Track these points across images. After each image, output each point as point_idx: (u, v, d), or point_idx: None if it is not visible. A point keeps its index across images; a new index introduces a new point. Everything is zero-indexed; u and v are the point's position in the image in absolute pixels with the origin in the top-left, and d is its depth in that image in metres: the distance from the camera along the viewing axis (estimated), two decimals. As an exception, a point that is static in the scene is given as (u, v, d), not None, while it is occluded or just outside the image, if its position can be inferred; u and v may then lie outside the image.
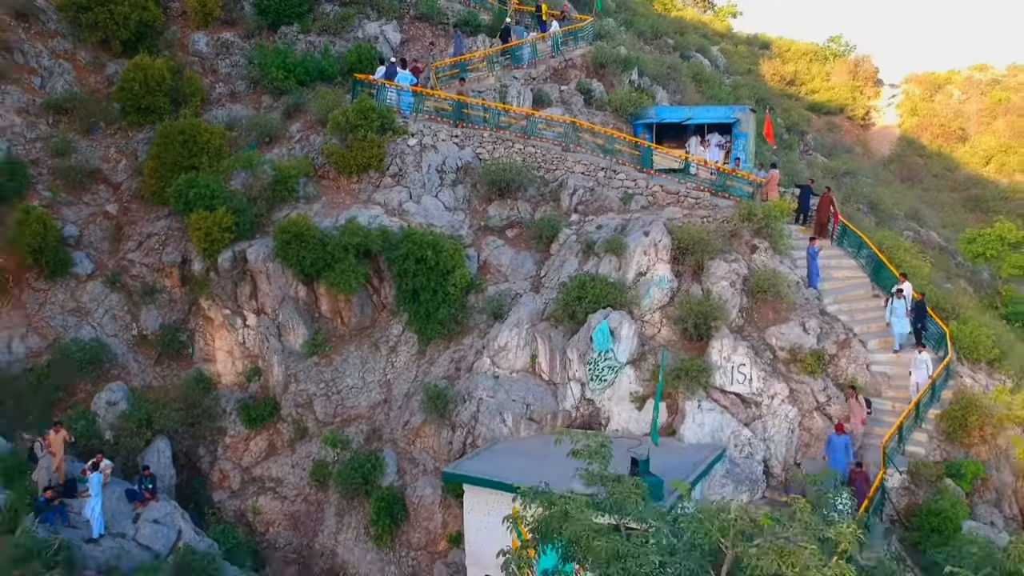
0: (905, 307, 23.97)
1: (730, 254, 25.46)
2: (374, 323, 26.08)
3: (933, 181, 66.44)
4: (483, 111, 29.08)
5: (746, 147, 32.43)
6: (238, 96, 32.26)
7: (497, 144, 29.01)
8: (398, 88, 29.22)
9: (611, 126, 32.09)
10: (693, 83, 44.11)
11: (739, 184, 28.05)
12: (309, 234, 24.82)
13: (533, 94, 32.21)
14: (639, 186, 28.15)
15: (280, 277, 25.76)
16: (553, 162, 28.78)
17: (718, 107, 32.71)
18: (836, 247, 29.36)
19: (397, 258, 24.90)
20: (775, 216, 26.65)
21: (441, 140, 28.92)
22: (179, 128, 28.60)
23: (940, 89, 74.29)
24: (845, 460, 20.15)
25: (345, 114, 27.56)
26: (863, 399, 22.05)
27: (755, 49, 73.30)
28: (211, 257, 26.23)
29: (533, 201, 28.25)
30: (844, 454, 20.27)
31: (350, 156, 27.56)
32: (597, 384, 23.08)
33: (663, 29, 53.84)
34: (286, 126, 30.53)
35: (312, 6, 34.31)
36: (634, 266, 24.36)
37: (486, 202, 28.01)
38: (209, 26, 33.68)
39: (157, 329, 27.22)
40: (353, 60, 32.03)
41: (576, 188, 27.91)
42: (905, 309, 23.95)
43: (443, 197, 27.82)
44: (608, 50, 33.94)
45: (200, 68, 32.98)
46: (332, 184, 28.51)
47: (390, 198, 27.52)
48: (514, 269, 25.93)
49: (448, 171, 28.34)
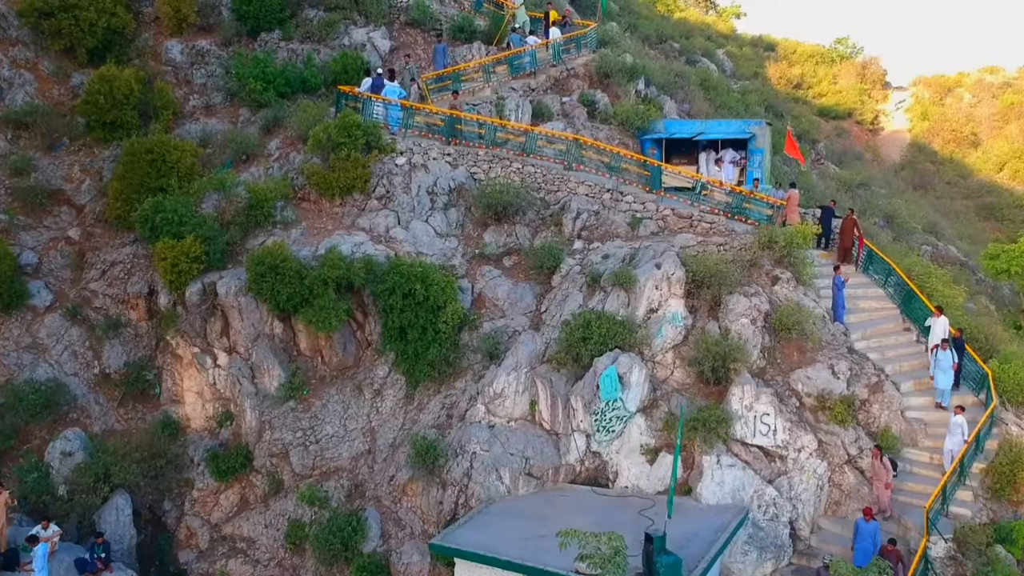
0: (952, 359, 21.62)
1: (749, 286, 23.14)
2: (358, 362, 23.71)
3: (946, 188, 64.40)
4: (478, 127, 26.72)
5: (762, 164, 30.09)
6: (214, 109, 29.87)
7: (493, 163, 26.63)
8: (385, 102, 26.83)
9: (617, 141, 29.75)
10: (701, 91, 41.78)
11: (757, 207, 25.71)
12: (285, 266, 22.44)
13: (532, 107, 29.84)
14: (648, 210, 25.79)
15: (254, 312, 23.39)
16: (554, 183, 26.42)
17: (732, 121, 30.36)
18: (862, 274, 27.10)
19: (382, 292, 22.54)
20: (798, 243, 24.32)
21: (432, 159, 26.54)
22: (147, 146, 26.22)
23: (950, 92, 72.16)
24: (873, 550, 17.82)
25: (327, 131, 25.19)
26: (888, 460, 19.69)
27: (760, 51, 71.34)
28: (178, 290, 23.88)
29: (533, 226, 25.89)
30: (872, 543, 17.92)
31: (332, 177, 25.19)
32: (604, 435, 20.75)
33: (668, 33, 51.60)
34: (264, 142, 28.14)
35: (295, 11, 31.92)
36: (644, 302, 22.01)
37: (481, 227, 25.64)
38: (184, 33, 31.30)
39: (121, 367, 24.86)
40: (338, 70, 29.65)
41: (580, 212, 25.55)
42: (952, 362, 21.60)
43: (434, 222, 25.45)
44: (613, 58, 31.58)
45: (173, 78, 30.60)
46: (313, 207, 26.14)
47: (376, 223, 25.14)
48: (512, 303, 23.57)
49: (440, 193, 25.97)
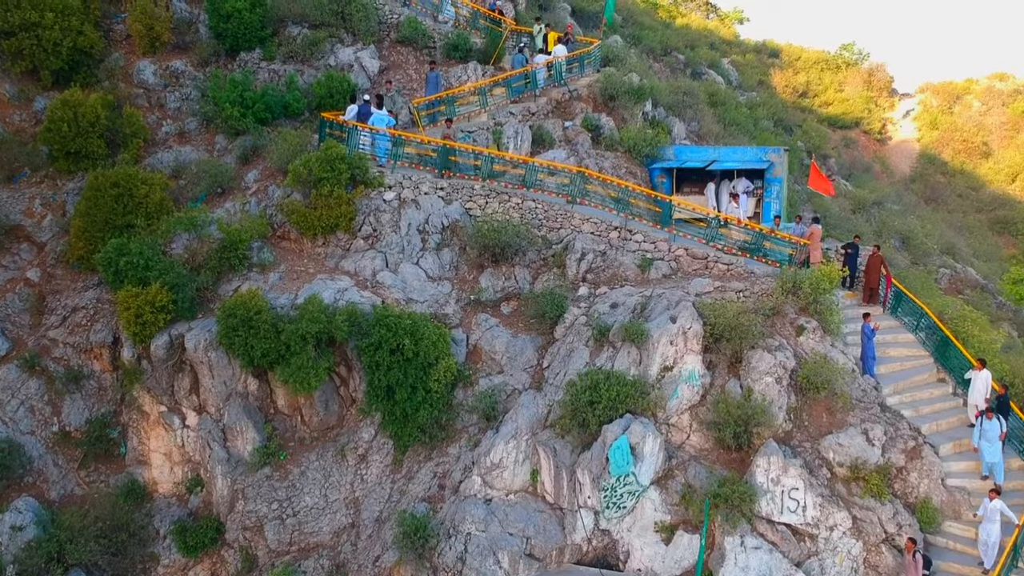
0: (1000, 428, 19.43)
1: (772, 338, 20.98)
2: (341, 422, 21.52)
3: (958, 202, 62.45)
4: (474, 158, 24.52)
5: (780, 195, 27.93)
6: (188, 136, 27.64)
7: (490, 197, 24.45)
8: (373, 131, 24.63)
9: (624, 171, 27.59)
10: (710, 107, 39.68)
11: (778, 246, 23.55)
12: (259, 319, 20.23)
13: (533, 132, 27.66)
14: (659, 249, 23.63)
15: (225, 369, 21.19)
16: (557, 219, 24.24)
17: (747, 148, 28.20)
18: (889, 315, 25.02)
19: (368, 348, 20.36)
20: (824, 288, 22.17)
21: (424, 193, 24.35)
22: (112, 180, 24.01)
23: (959, 100, 70.14)
24: None
25: (307, 165, 22.99)
26: (921, 557, 17.49)
27: (764, 58, 69.40)
28: (143, 343, 21.68)
29: (533, 267, 23.71)
30: None
31: (314, 216, 22.99)
32: (614, 512, 18.58)
33: (673, 44, 49.49)
34: (242, 174, 25.94)
35: (277, 29, 29.69)
36: (658, 359, 19.84)
37: (477, 269, 23.45)
38: (157, 52, 29.07)
39: (83, 424, 22.68)
40: (322, 93, 27.44)
41: (585, 252, 23.37)
42: (1000, 432, 19.41)
43: (426, 264, 23.25)
44: (618, 79, 29.40)
45: (145, 102, 28.36)
46: (293, 247, 23.95)
47: (362, 266, 22.94)
48: (511, 357, 21.39)
49: (432, 231, 23.78)
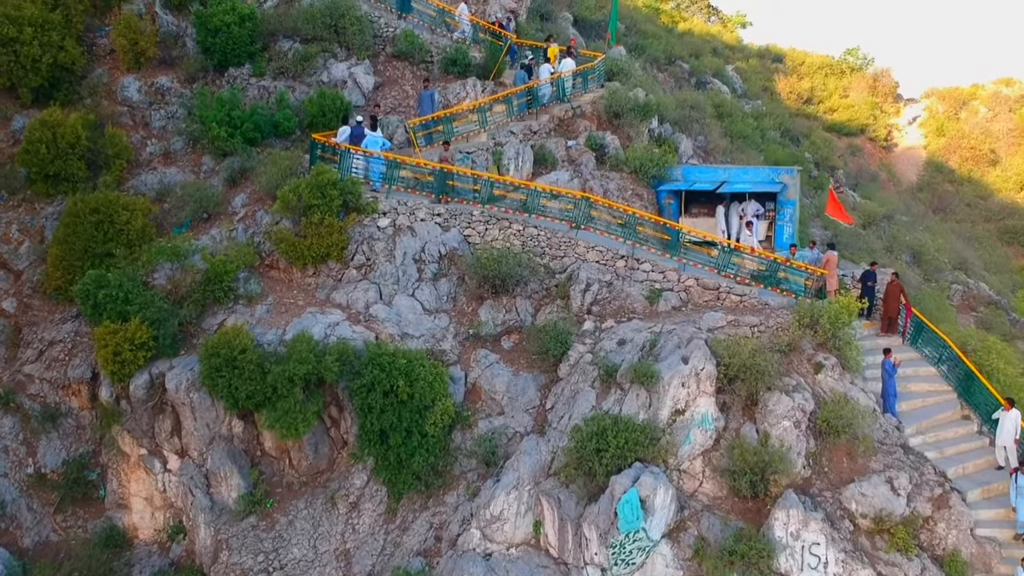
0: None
1: (790, 376, 19.81)
2: (332, 465, 20.29)
3: (966, 211, 61.37)
4: (472, 182, 23.29)
5: (793, 218, 26.71)
6: (173, 156, 26.40)
7: (490, 224, 23.22)
8: (366, 154, 23.40)
9: (630, 192, 26.36)
10: (716, 119, 38.44)
11: (793, 276, 22.34)
12: (244, 359, 19.01)
13: (534, 152, 26.42)
14: (669, 280, 22.42)
15: (208, 411, 19.97)
16: (560, 247, 23.01)
17: (759, 168, 26.95)
18: (909, 346, 23.82)
19: (360, 389, 19.14)
20: (843, 322, 20.97)
21: (420, 220, 23.12)
22: (92, 205, 22.81)
23: (965, 105, 69.01)
24: None
25: (297, 191, 21.76)
26: None
27: (768, 63, 68.34)
28: (121, 382, 20.47)
29: (535, 298, 22.49)
30: None
31: (304, 245, 21.76)
32: (623, 568, 17.35)
33: (677, 53, 48.31)
34: (229, 197, 24.71)
35: (267, 44, 28.44)
36: (669, 402, 18.61)
37: (476, 301, 22.22)
38: (142, 68, 27.82)
39: (59, 465, 21.47)
40: (314, 111, 26.19)
41: (590, 282, 22.14)
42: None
43: (422, 295, 22.02)
44: (623, 95, 28.15)
45: (130, 120, 27.11)
46: (282, 277, 22.72)
47: (354, 298, 21.72)
48: (512, 397, 20.17)
49: (428, 260, 22.55)
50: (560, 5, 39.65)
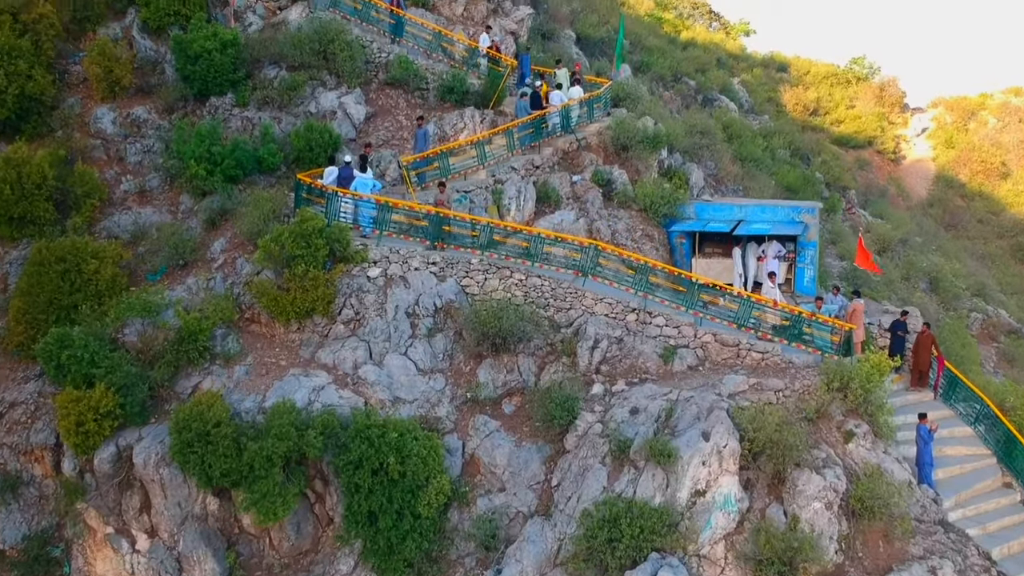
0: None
1: (819, 448, 18.08)
2: (316, 545, 18.47)
3: (978, 228, 59.86)
4: (470, 227, 21.49)
5: (815, 260, 24.94)
6: (149, 195, 24.59)
7: (490, 273, 21.41)
8: (355, 197, 21.58)
9: (639, 232, 24.59)
10: (726, 141, 36.71)
11: (819, 331, 20.55)
12: (218, 433, 17.20)
13: (537, 189, 24.63)
14: (684, 335, 20.63)
15: (180, 487, 18.15)
16: (566, 298, 21.21)
17: (777, 206, 25.15)
18: (941, 402, 22.14)
19: (346, 466, 17.33)
20: (875, 384, 19.22)
21: (414, 269, 21.30)
22: (58, 253, 21.04)
23: (973, 116, 67.51)
24: None
25: (279, 240, 19.94)
26: None
27: (772, 72, 66.95)
28: (85, 454, 18.66)
29: (539, 355, 20.68)
30: None
31: (286, 300, 19.94)
32: (638, 674, 15.58)
33: (683, 69, 46.60)
34: (208, 241, 22.89)
35: (251, 71, 26.60)
36: (688, 482, 16.83)
37: (475, 360, 20.41)
38: (117, 98, 26.00)
39: (19, 541, 19.67)
40: (301, 146, 24.37)
41: (598, 339, 20.35)
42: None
43: (415, 354, 20.20)
44: (631, 125, 26.33)
45: (104, 154, 25.31)
46: (264, 331, 20.91)
47: (341, 358, 19.89)
48: (514, 471, 18.35)
49: (423, 314, 20.74)
50: (562, 23, 37.88)
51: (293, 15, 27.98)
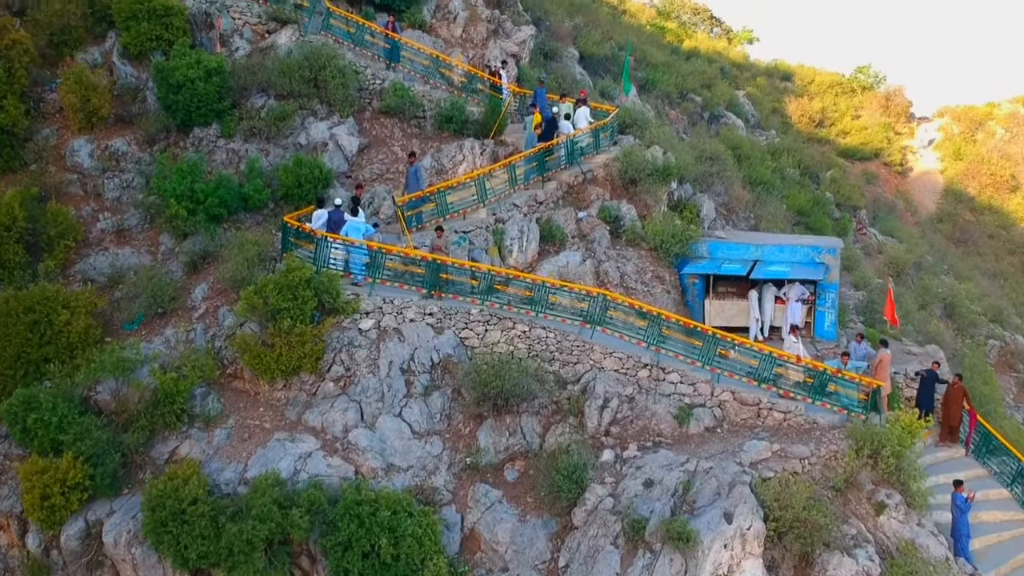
0: None
1: (848, 523, 16.63)
2: (303, 628, 17.00)
3: (989, 243, 58.67)
4: (470, 275, 20.02)
5: (835, 304, 23.50)
6: (128, 234, 23.09)
7: (490, 324, 19.93)
8: (346, 243, 20.09)
9: (650, 274, 23.14)
10: (735, 163, 35.28)
11: (846, 388, 19.10)
12: (195, 511, 15.73)
13: (541, 227, 23.17)
14: (700, 393, 19.17)
15: (154, 568, 16.62)
16: (572, 351, 19.75)
17: (796, 246, 23.65)
18: (973, 459, 20.72)
19: (334, 547, 15.85)
20: (907, 447, 17.82)
21: (409, 320, 19.82)
22: (27, 303, 19.56)
23: (981, 126, 66.29)
24: None
25: (263, 292, 18.45)
26: None
27: (776, 81, 65.74)
28: (52, 529, 17.18)
29: (544, 415, 19.22)
30: None
31: (271, 357, 18.45)
32: None
33: (688, 86, 45.22)
34: (189, 287, 21.41)
35: (237, 100, 25.09)
36: (709, 567, 15.39)
37: (475, 420, 18.93)
38: (95, 128, 24.53)
39: (-19, 619, 18.18)
40: (290, 182, 22.89)
41: (608, 397, 18.89)
42: None
43: (411, 415, 18.71)
44: (640, 157, 24.83)
45: (80, 189, 23.83)
46: (248, 388, 19.41)
47: (330, 420, 18.40)
48: (518, 549, 16.87)
49: (419, 371, 19.26)
50: (564, 41, 36.43)
51: (282, 39, 26.51)
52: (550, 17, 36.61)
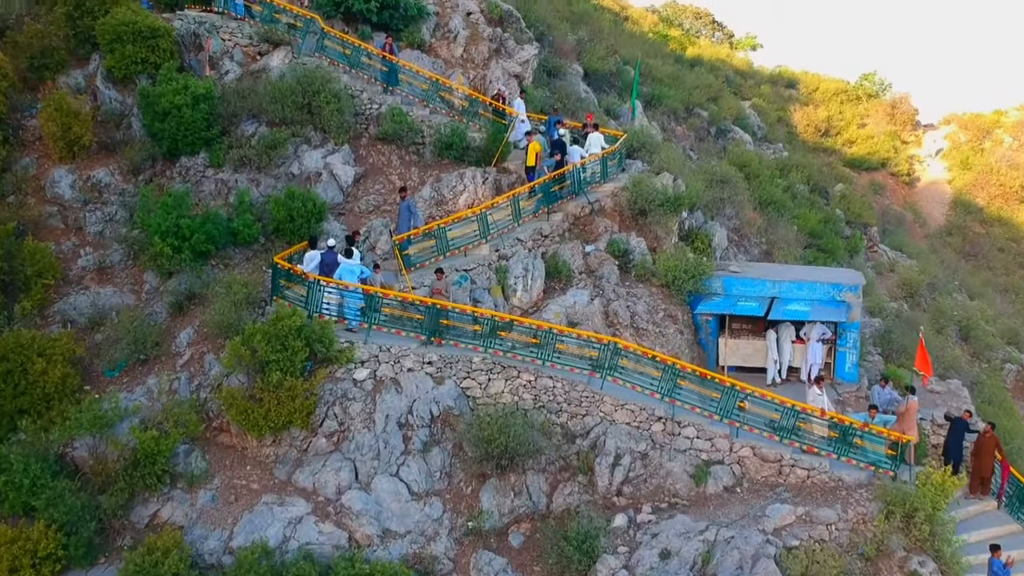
0: None
1: (880, 596, 15.39)
2: None
3: (999, 257, 57.61)
4: (472, 320, 18.80)
5: (857, 344, 22.32)
6: (110, 272, 21.86)
7: (494, 373, 18.72)
8: (340, 287, 18.87)
9: (662, 313, 21.93)
10: (744, 182, 34.04)
11: (873, 444, 17.90)
12: (175, 591, 14.55)
13: (546, 263, 21.98)
14: (718, 449, 17.97)
15: (132, 648, 15.45)
16: (581, 402, 18.53)
17: (816, 282, 22.42)
18: (1006, 513, 19.48)
19: (326, 629, 14.68)
20: (941, 510, 16.63)
21: (407, 370, 18.60)
22: (0, 351, 18.36)
23: (988, 134, 65.27)
24: None
25: (250, 342, 17.24)
26: None
27: (780, 89, 64.73)
28: (21, 604, 15.96)
29: (551, 472, 18.01)
30: None
31: (258, 413, 17.22)
32: None
33: (695, 100, 44.02)
34: (174, 330, 20.18)
35: (227, 127, 23.87)
36: (732, 651, 14.19)
37: (477, 480, 17.70)
38: (77, 158, 23.32)
39: None
40: (281, 216, 21.66)
41: (619, 454, 17.68)
42: None
43: (409, 474, 17.49)
44: (649, 186, 23.61)
45: (61, 223, 22.61)
46: (235, 443, 18.19)
47: (323, 481, 17.17)
48: (524, 627, 15.70)
49: (417, 425, 18.05)
50: (568, 57, 35.20)
51: (275, 61, 25.30)
52: (553, 32, 35.37)
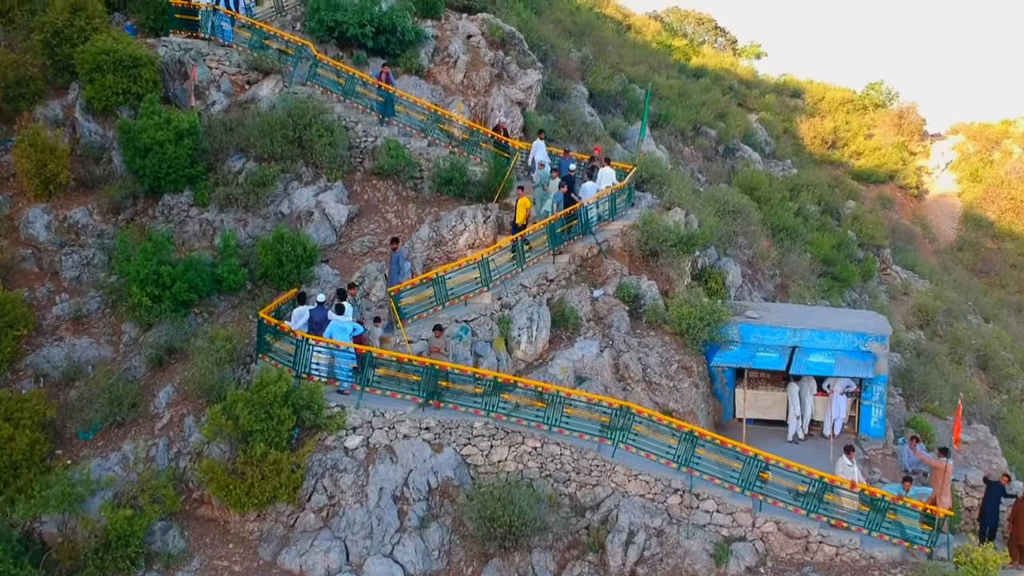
0: None
1: None
2: None
3: (1011, 274, 56.45)
4: (473, 381, 17.42)
5: (883, 398, 20.93)
6: (87, 321, 20.46)
7: (496, 439, 17.34)
8: (331, 347, 17.48)
9: (675, 365, 20.53)
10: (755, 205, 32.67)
11: (908, 518, 16.53)
12: None
13: (552, 311, 20.61)
14: (740, 524, 16.58)
15: None
16: (591, 471, 17.15)
17: (839, 331, 21.02)
18: (1047, 585, 18.00)
19: None
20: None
21: (402, 436, 17.21)
22: (-36, 413, 17.03)
23: (997, 145, 64.15)
24: None
25: (231, 411, 15.88)
26: None
27: (786, 98, 63.59)
28: None
29: (558, 549, 16.60)
30: None
31: (241, 488, 15.85)
32: None
33: (702, 119, 42.71)
34: (153, 387, 18.81)
35: (213, 163, 22.50)
36: None
37: (479, 559, 16.30)
38: (53, 196, 21.96)
39: None
40: (269, 261, 20.29)
41: (633, 530, 16.29)
42: None
43: (404, 554, 16.08)
44: (660, 225, 22.15)
45: (35, 267, 21.25)
46: (216, 517, 16.82)
47: (311, 563, 15.78)
48: None
49: (414, 498, 16.65)
50: (572, 77, 33.84)
51: (264, 91, 23.94)
52: (556, 51, 34.03)
